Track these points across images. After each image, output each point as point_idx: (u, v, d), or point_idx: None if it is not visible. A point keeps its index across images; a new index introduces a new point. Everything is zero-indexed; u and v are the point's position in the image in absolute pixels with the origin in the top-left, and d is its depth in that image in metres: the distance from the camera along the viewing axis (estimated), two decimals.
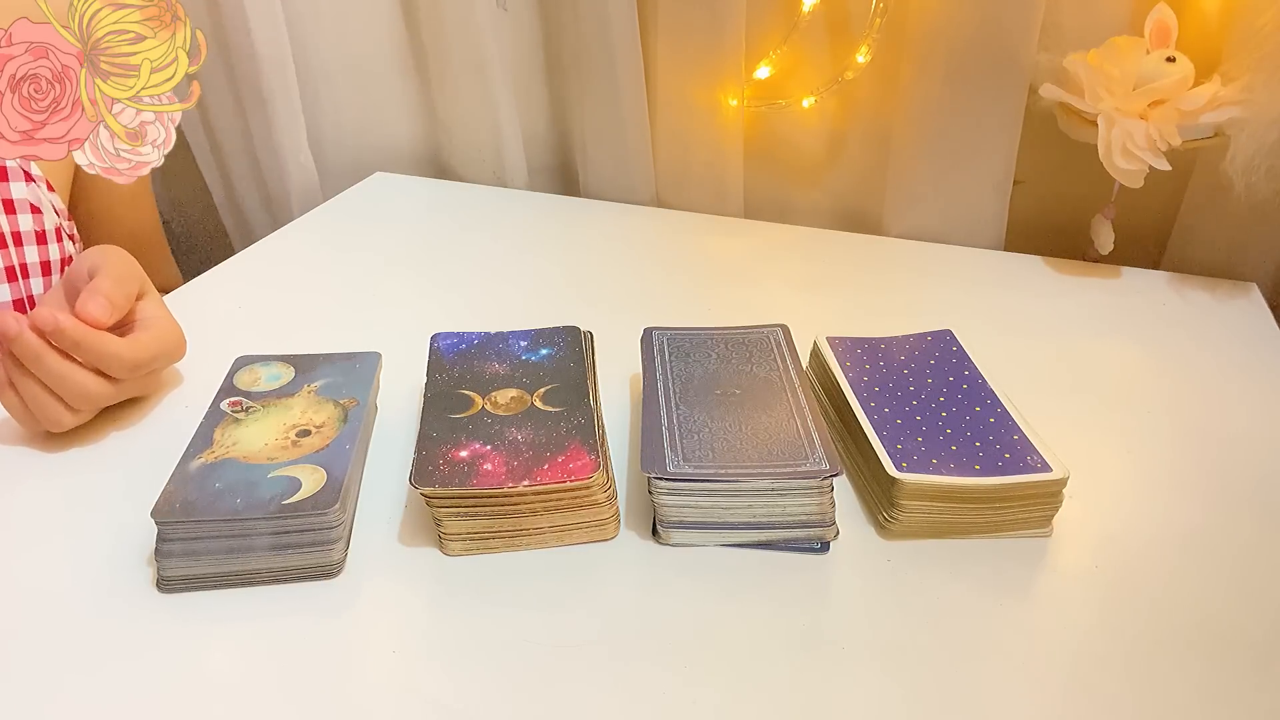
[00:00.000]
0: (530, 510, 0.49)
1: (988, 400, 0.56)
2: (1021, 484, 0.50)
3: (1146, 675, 0.44)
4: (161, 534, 0.46)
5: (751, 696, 0.42)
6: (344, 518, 0.49)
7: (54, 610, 0.46)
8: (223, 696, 0.42)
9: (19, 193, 0.69)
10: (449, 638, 0.45)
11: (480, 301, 0.78)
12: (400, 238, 0.90)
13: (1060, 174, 0.88)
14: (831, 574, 0.49)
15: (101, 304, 0.55)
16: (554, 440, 0.52)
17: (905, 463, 0.51)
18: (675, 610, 0.47)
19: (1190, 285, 0.81)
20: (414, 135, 1.06)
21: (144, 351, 0.58)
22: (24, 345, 0.53)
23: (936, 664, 0.44)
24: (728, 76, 0.88)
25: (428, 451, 0.51)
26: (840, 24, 0.86)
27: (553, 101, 1.02)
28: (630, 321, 0.65)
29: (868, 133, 0.91)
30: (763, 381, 0.57)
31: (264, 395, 0.56)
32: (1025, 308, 0.77)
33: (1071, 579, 0.49)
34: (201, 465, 0.50)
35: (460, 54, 0.95)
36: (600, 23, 0.87)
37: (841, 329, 0.64)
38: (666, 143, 0.94)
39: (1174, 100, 0.73)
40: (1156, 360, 0.70)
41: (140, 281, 0.61)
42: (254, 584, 0.48)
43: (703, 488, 0.49)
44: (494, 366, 0.59)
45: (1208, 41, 0.76)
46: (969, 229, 0.88)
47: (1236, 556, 0.51)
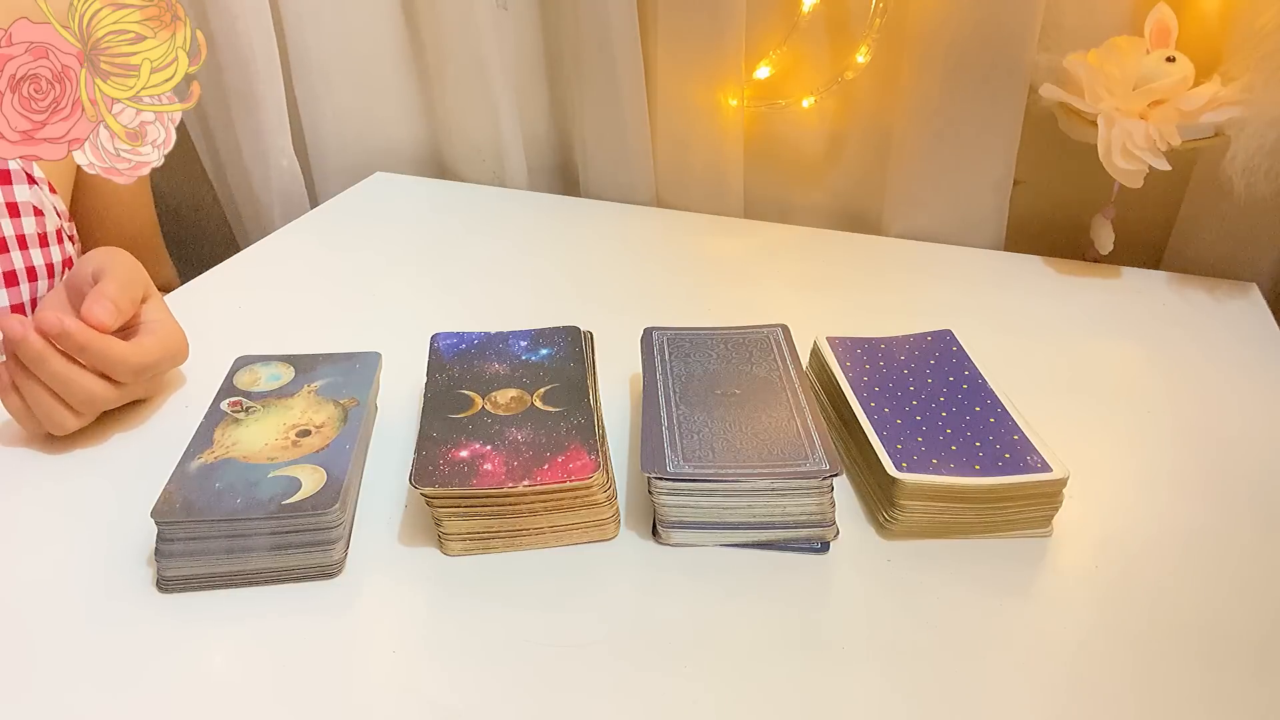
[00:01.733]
0: (530, 510, 0.49)
1: (988, 400, 0.56)
2: (1021, 484, 0.50)
3: (1146, 675, 0.44)
4: (161, 534, 0.47)
5: (751, 696, 0.42)
6: (344, 518, 0.49)
7: (55, 610, 0.46)
8: (223, 696, 0.42)
9: (22, 195, 0.69)
10: (449, 638, 0.45)
11: (480, 301, 0.78)
12: (400, 238, 0.90)
13: (1060, 174, 0.88)
14: (831, 574, 0.49)
15: (107, 308, 0.56)
16: (554, 440, 0.52)
17: (905, 463, 0.51)
18: (675, 610, 0.47)
19: (1190, 285, 0.81)
20: (414, 135, 1.06)
21: (148, 355, 0.58)
22: (29, 348, 0.53)
23: (936, 664, 0.44)
24: (728, 77, 0.88)
25: (428, 451, 0.51)
26: (840, 24, 0.86)
27: (553, 101, 1.02)
28: (630, 321, 0.65)
29: (868, 133, 0.91)
30: (763, 381, 0.57)
31: (264, 395, 0.56)
32: (1025, 308, 0.77)
33: (1071, 579, 0.49)
34: (201, 465, 0.50)
35: (460, 54, 0.95)
36: (600, 23, 0.87)
37: (841, 329, 0.64)
38: (666, 143, 0.94)
39: (1174, 100, 0.73)
40: (1156, 360, 0.70)
41: (144, 285, 0.61)
42: (254, 584, 0.48)
43: (703, 488, 0.49)
44: (494, 366, 0.59)
45: (1208, 41, 0.76)
46: (969, 229, 0.88)
47: (1236, 556, 0.51)
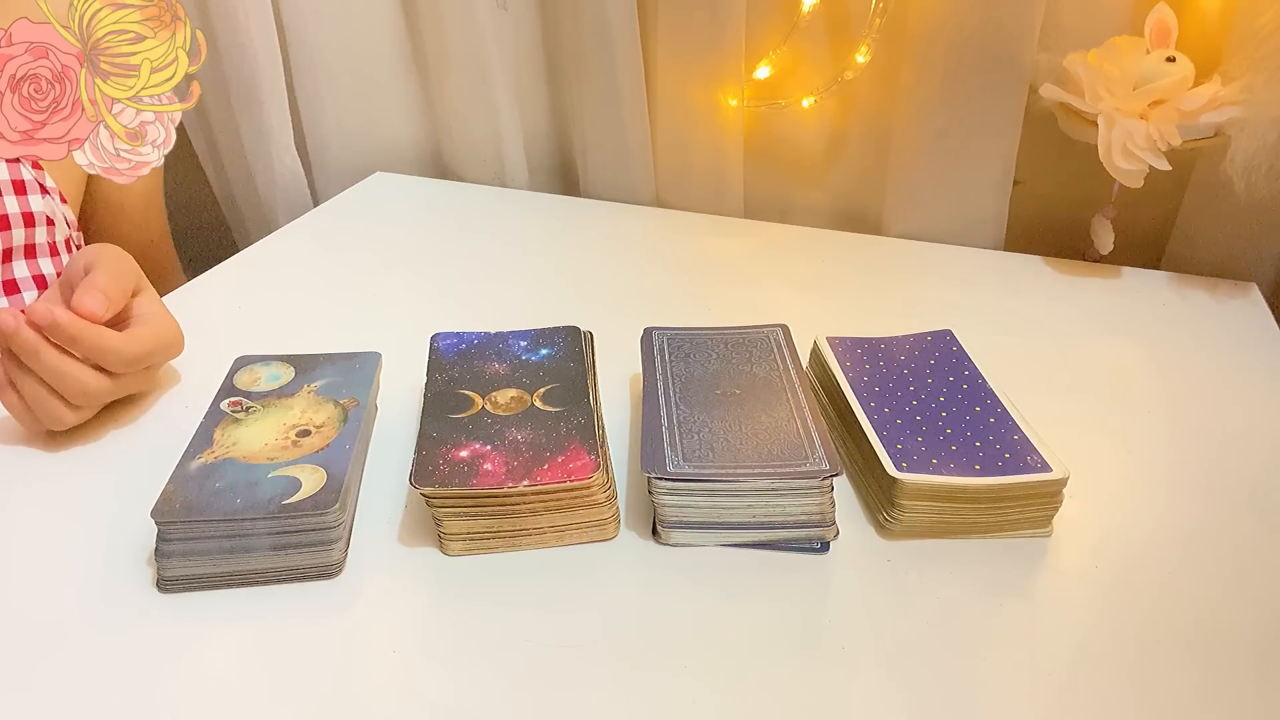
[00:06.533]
0: (530, 510, 0.49)
1: (988, 400, 0.56)
2: (1021, 484, 0.50)
3: (1146, 675, 0.44)
4: (161, 534, 0.47)
5: (751, 696, 0.42)
6: (344, 518, 0.49)
7: (54, 610, 0.46)
8: (223, 696, 0.42)
9: (36, 205, 0.69)
10: (449, 638, 0.45)
11: (480, 301, 0.78)
12: (400, 238, 0.90)
13: (1060, 174, 0.88)
14: (831, 574, 0.49)
15: (97, 298, 0.55)
16: (554, 440, 0.52)
17: (905, 463, 0.51)
18: (675, 610, 0.47)
19: (1190, 285, 0.81)
20: (414, 135, 1.06)
21: (141, 345, 0.58)
22: (21, 341, 0.53)
23: (936, 664, 0.44)
24: (728, 77, 0.88)
25: (428, 451, 0.51)
26: (840, 24, 0.86)
27: (553, 101, 1.02)
28: (630, 321, 0.65)
29: (868, 133, 0.91)
30: (763, 381, 0.57)
31: (264, 395, 0.56)
32: (1025, 308, 0.77)
33: (1071, 579, 0.49)
34: (201, 465, 0.50)
35: (460, 54, 0.95)
36: (600, 23, 0.87)
37: (841, 329, 0.64)
38: (666, 143, 0.94)
39: (1174, 100, 0.73)
40: (1156, 360, 0.70)
41: (136, 277, 0.61)
42: (254, 584, 0.48)
43: (703, 488, 0.49)
44: (494, 366, 0.59)
45: (1208, 41, 0.76)
46: (969, 229, 0.88)
47: (1236, 556, 0.51)
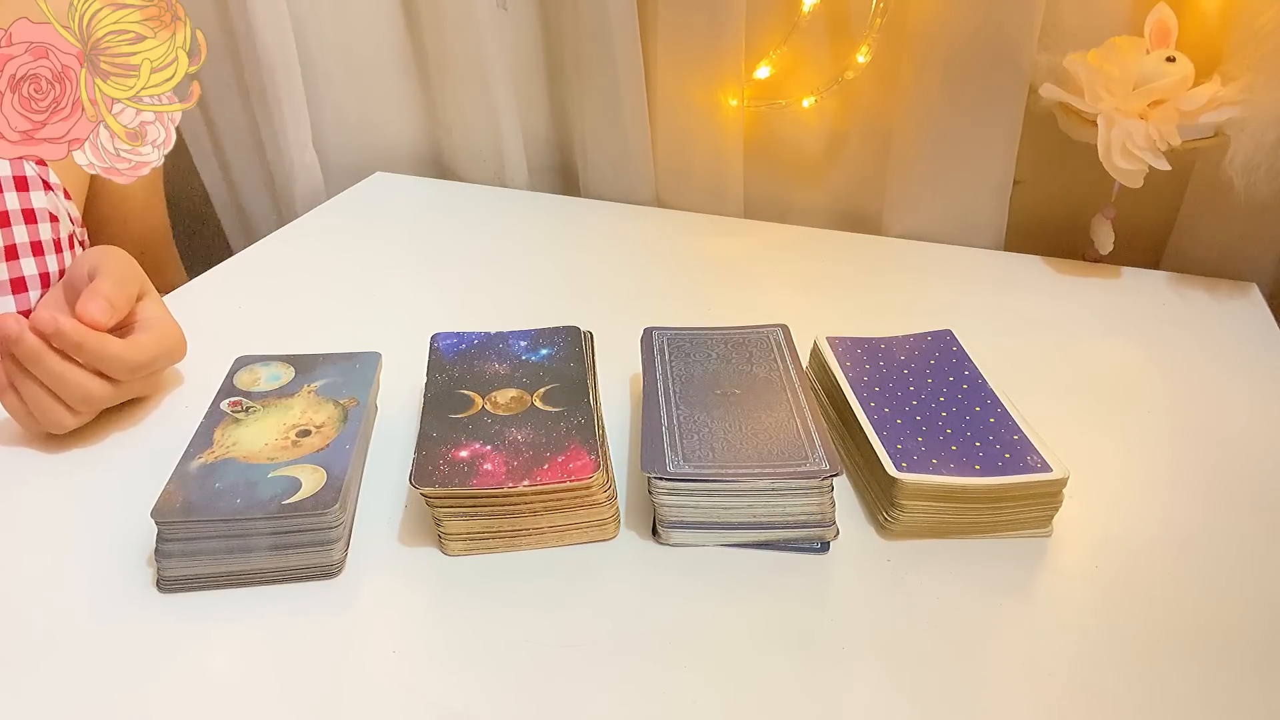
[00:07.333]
0: (530, 510, 0.49)
1: (988, 400, 0.56)
2: (1021, 484, 0.50)
3: (1146, 675, 0.44)
4: (161, 534, 0.47)
5: (752, 696, 0.42)
6: (344, 518, 0.49)
7: (55, 610, 0.46)
8: (223, 696, 0.42)
9: (39, 201, 0.69)
10: (449, 638, 0.45)
11: (480, 301, 0.78)
12: (400, 238, 0.90)
13: (1060, 174, 0.88)
14: (831, 574, 0.49)
15: (102, 306, 0.55)
16: (554, 440, 0.52)
17: (905, 463, 0.51)
18: (675, 610, 0.47)
19: (1190, 285, 0.81)
20: (414, 135, 1.06)
21: (145, 353, 0.58)
22: (25, 347, 0.53)
23: (936, 664, 0.44)
24: (728, 77, 0.88)
25: (428, 451, 0.51)
26: (840, 24, 0.86)
27: (553, 101, 1.02)
28: (630, 321, 0.65)
29: (868, 133, 0.91)
30: (763, 381, 0.57)
31: (264, 395, 0.56)
32: (1025, 308, 0.77)
33: (1071, 579, 0.49)
34: (201, 465, 0.50)
35: (460, 54, 0.95)
36: (600, 23, 0.87)
37: (841, 329, 0.64)
38: (666, 143, 0.94)
39: (1174, 100, 0.73)
40: (1156, 360, 0.70)
41: (140, 282, 0.61)
42: (254, 584, 0.48)
43: (703, 488, 0.49)
44: (494, 366, 0.59)
45: (1208, 41, 0.76)
46: (969, 229, 0.88)
47: (1236, 556, 0.51)
